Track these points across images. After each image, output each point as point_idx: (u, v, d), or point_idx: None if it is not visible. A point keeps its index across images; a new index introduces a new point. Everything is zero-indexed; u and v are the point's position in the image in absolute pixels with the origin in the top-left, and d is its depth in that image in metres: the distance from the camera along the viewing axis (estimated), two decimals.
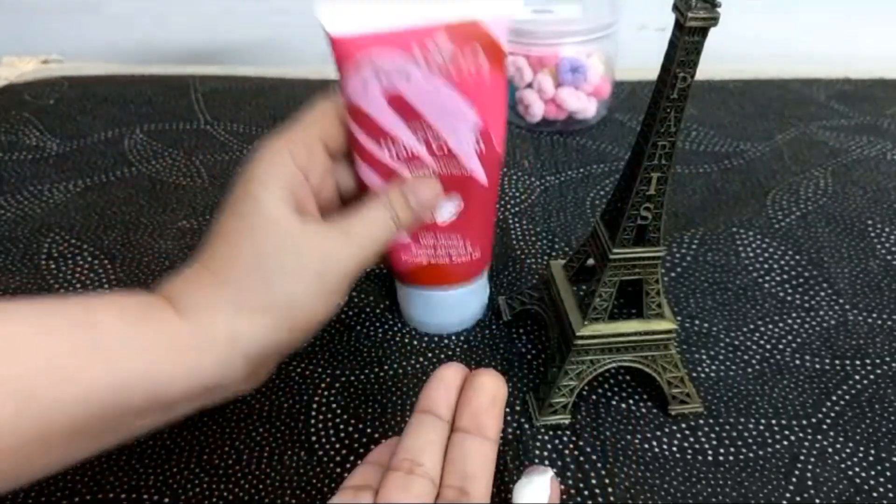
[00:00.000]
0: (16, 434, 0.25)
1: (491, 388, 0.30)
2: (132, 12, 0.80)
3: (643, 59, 0.55)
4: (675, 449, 0.38)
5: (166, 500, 0.35)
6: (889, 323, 0.45)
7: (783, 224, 0.53)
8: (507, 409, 0.39)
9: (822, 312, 0.46)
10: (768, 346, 0.43)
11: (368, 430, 0.39)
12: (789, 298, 0.47)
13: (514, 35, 0.59)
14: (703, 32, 0.32)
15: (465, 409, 0.30)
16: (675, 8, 0.32)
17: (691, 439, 0.38)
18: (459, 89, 0.34)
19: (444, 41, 0.33)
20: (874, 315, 0.45)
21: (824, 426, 0.39)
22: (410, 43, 0.33)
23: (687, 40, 0.32)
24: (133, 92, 0.70)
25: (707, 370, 0.42)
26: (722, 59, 0.59)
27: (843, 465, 0.37)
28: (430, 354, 0.43)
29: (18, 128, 0.66)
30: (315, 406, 0.40)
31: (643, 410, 0.40)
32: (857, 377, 0.41)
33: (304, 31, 0.36)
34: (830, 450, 0.38)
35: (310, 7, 0.34)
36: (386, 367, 0.42)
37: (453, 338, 0.44)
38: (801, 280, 0.48)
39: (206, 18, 0.80)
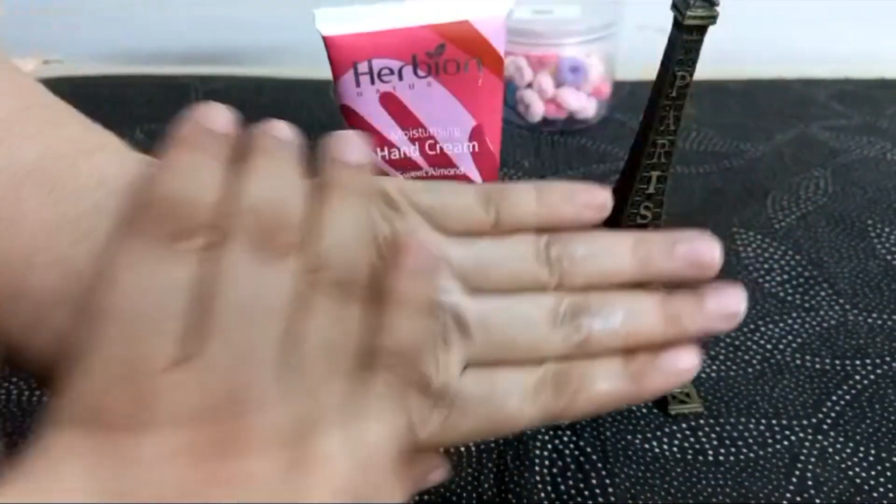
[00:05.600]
0: None
1: None
2: (132, 12, 0.79)
3: (643, 59, 0.55)
4: (675, 449, 0.38)
5: None
6: (889, 323, 0.45)
7: (783, 224, 0.53)
8: None
9: (822, 312, 0.46)
10: (768, 346, 0.43)
11: None
12: (789, 298, 0.46)
13: (514, 35, 0.59)
14: (702, 31, 0.32)
15: None
16: (674, 6, 0.32)
17: (691, 439, 0.38)
18: (452, 89, 0.34)
19: (436, 41, 0.33)
20: (874, 315, 0.45)
21: (824, 426, 0.39)
22: (403, 43, 0.33)
23: (686, 39, 0.32)
24: (133, 92, 0.70)
25: (707, 370, 0.42)
26: (722, 59, 0.59)
27: (843, 465, 0.37)
28: None
29: None
30: None
31: (643, 410, 0.40)
32: (857, 377, 0.41)
33: (304, 31, 0.36)
34: (831, 450, 0.37)
35: (308, 7, 0.34)
36: None
37: None
38: (801, 280, 0.48)
39: (206, 19, 0.80)
